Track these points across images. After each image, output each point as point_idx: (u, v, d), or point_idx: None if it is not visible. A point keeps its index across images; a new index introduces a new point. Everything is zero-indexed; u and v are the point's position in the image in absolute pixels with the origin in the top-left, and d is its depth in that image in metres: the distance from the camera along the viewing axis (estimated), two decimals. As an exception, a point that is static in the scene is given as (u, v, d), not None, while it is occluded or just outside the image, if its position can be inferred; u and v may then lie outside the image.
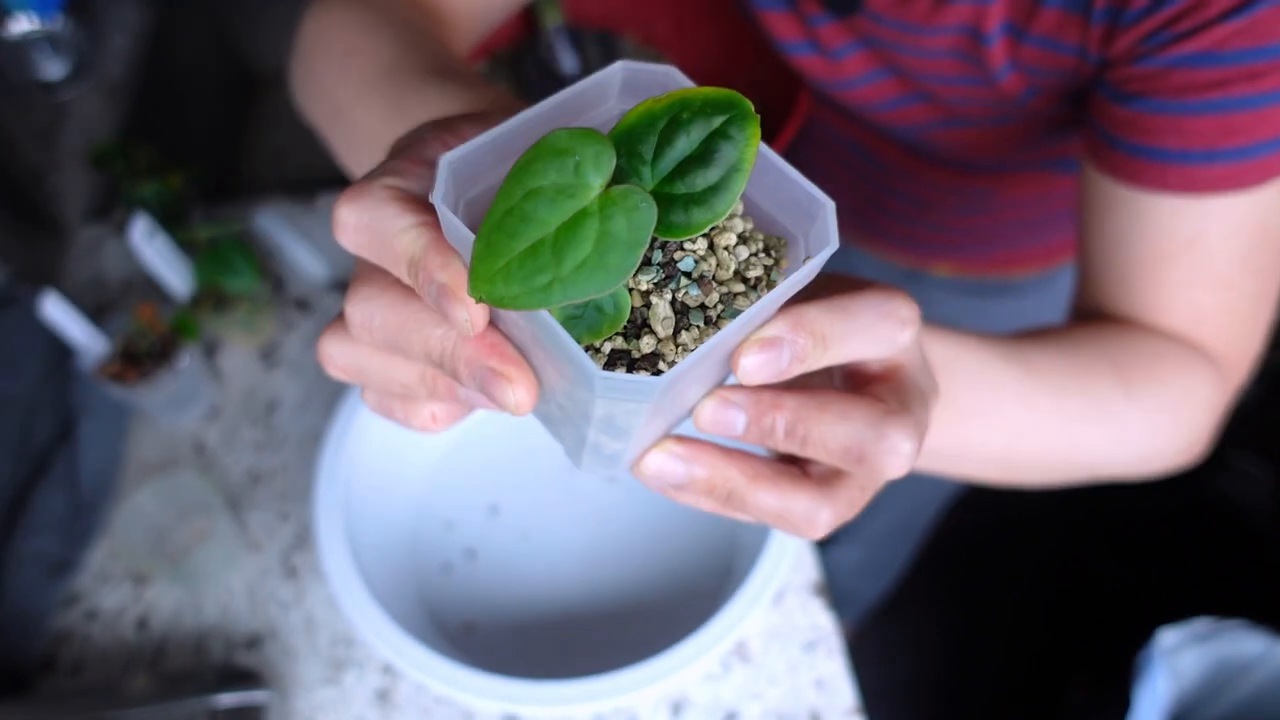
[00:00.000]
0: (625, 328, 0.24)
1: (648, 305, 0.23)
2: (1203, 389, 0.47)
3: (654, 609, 0.66)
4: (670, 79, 0.25)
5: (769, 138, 0.75)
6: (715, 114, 0.22)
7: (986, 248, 0.77)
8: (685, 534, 0.70)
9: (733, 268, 0.24)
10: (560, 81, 0.75)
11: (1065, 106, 0.55)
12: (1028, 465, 0.45)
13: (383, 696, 0.64)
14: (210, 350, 0.82)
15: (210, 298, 0.77)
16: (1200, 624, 0.98)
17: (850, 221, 0.81)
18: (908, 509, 1.15)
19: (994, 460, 0.43)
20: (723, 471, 0.29)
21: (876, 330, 0.27)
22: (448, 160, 0.23)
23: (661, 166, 0.22)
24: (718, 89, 0.22)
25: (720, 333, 0.23)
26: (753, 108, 0.22)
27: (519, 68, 0.82)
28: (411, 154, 0.28)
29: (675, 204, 0.22)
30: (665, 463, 0.28)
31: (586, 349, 0.23)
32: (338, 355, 0.30)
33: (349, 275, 0.87)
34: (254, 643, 0.67)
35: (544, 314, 0.22)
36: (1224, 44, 0.41)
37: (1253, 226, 0.45)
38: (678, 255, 0.24)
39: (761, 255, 0.25)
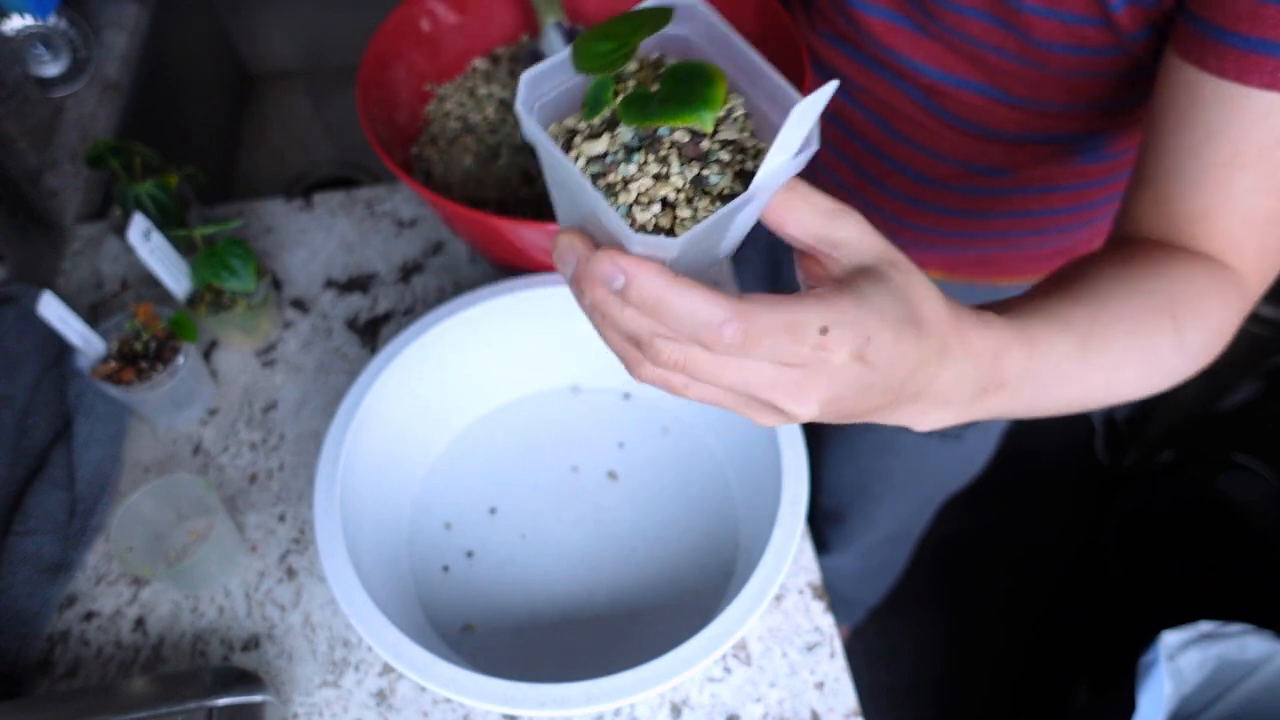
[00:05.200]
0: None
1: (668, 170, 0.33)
2: (1231, 318, 0.49)
3: (654, 610, 0.66)
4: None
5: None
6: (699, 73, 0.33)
7: (982, 239, 0.76)
8: (686, 535, 0.69)
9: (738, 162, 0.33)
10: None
11: (1116, 50, 0.54)
12: (1063, 410, 0.47)
13: (381, 698, 0.64)
14: (208, 350, 0.82)
15: (208, 297, 0.77)
16: (1203, 626, 0.98)
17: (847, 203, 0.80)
18: (900, 519, 1.15)
19: (1035, 413, 0.46)
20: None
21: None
22: (527, 77, 0.33)
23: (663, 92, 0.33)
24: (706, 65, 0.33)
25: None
26: (721, 75, 0.33)
27: (519, 66, 0.81)
28: None
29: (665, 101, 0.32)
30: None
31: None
32: None
33: (342, 274, 0.87)
34: (252, 644, 0.66)
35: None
36: None
37: None
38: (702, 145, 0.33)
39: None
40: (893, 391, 0.36)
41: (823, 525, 1.20)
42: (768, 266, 0.98)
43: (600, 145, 0.33)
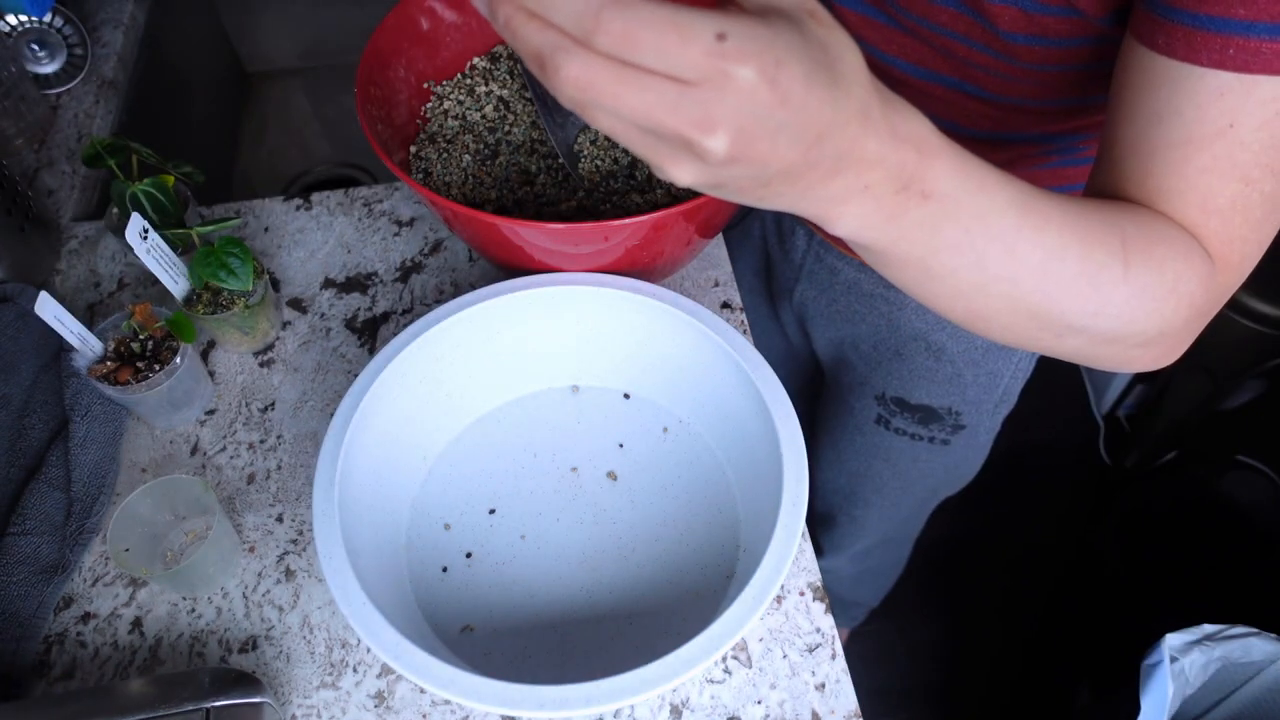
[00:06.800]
0: None
1: None
2: (1192, 283, 0.47)
3: (655, 611, 0.66)
4: None
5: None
6: None
7: None
8: (686, 536, 0.69)
9: None
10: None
11: (1085, 42, 0.54)
12: (992, 313, 0.46)
13: (380, 699, 0.63)
14: (205, 350, 0.82)
15: (206, 297, 0.76)
16: (1206, 628, 0.97)
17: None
18: (891, 524, 1.15)
19: (960, 296, 0.45)
20: None
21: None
22: None
23: None
24: None
25: None
26: None
27: (518, 65, 0.81)
28: None
29: None
30: None
31: None
32: None
33: (341, 274, 0.86)
34: (250, 646, 0.66)
35: None
36: None
37: None
38: None
39: None
40: (810, 147, 0.34)
41: (814, 529, 1.20)
42: (761, 261, 0.97)
43: None
